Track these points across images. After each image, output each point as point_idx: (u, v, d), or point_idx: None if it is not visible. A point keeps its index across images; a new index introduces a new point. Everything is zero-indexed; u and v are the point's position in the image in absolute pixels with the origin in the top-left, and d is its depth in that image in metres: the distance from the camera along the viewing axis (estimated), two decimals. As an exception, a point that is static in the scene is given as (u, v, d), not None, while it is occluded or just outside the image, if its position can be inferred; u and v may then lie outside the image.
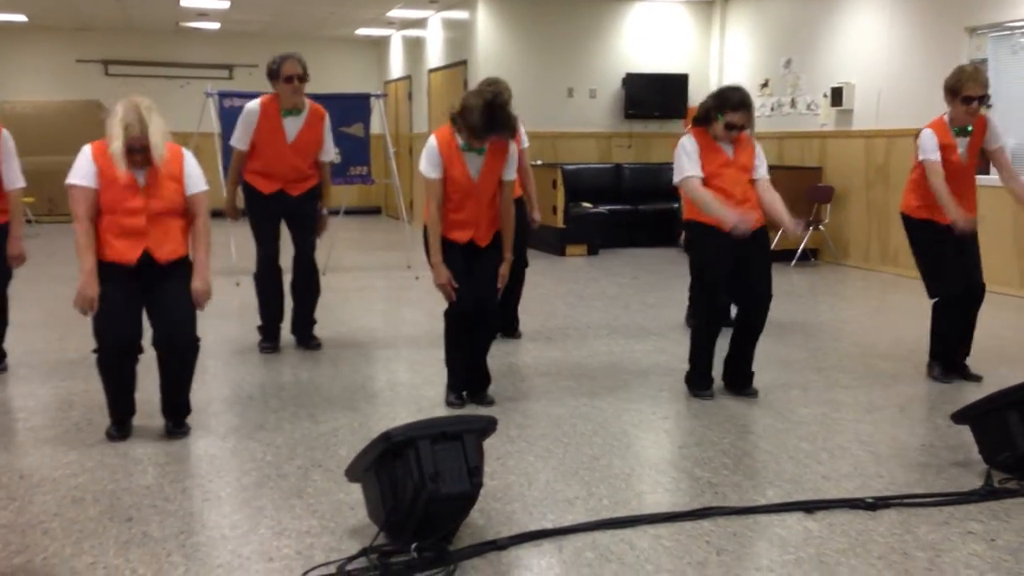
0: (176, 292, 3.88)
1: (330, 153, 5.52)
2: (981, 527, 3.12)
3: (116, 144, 3.70)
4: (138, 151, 3.72)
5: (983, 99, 4.76)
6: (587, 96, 11.66)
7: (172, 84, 14.11)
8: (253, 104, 5.33)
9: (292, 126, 5.31)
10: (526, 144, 5.93)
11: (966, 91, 4.73)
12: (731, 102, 4.36)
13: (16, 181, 4.87)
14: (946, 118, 4.87)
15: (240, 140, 5.36)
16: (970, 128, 4.83)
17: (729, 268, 4.47)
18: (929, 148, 4.78)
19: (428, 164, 4.21)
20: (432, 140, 4.23)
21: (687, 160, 4.44)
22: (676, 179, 4.48)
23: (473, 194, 4.23)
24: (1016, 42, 7.81)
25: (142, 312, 3.92)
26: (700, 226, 4.49)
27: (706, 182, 4.40)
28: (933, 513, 3.23)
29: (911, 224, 4.99)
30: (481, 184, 4.24)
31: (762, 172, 4.53)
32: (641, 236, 10.93)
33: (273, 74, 5.25)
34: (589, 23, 11.57)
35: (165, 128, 3.79)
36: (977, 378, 4.95)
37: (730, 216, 4.25)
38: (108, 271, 3.82)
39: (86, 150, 3.84)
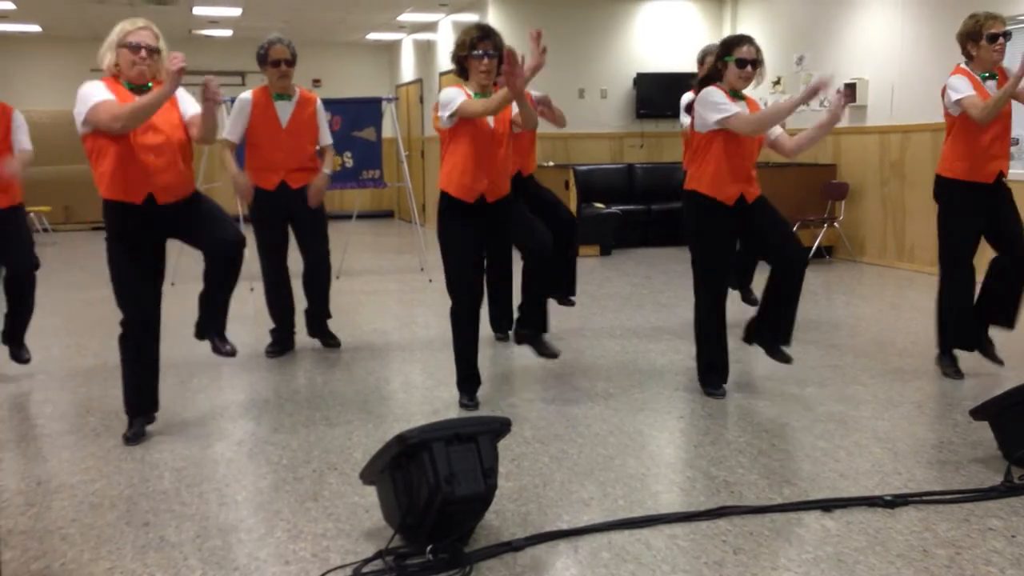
0: (207, 212, 3.94)
1: (326, 138, 5.51)
2: (1001, 523, 3.09)
3: (108, 57, 3.77)
4: (147, 48, 3.77)
5: (1007, 35, 4.62)
6: (598, 96, 11.65)
7: (185, 91, 14.20)
8: (245, 94, 5.35)
9: (284, 111, 5.33)
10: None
11: (989, 28, 4.57)
12: (735, 39, 4.33)
13: (25, 145, 4.98)
14: (965, 67, 4.70)
15: (231, 132, 5.31)
16: (996, 74, 4.68)
17: (732, 249, 4.38)
18: (963, 87, 4.57)
19: (444, 106, 4.19)
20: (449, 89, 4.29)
21: (725, 102, 4.26)
22: (718, 117, 4.21)
23: (483, 138, 4.25)
24: (1031, 35, 7.74)
25: (161, 282, 3.98)
26: (700, 199, 4.34)
27: (715, 147, 4.30)
28: (953, 510, 3.20)
29: (945, 185, 4.76)
30: (497, 127, 4.28)
31: (776, 132, 4.45)
32: (654, 236, 10.89)
33: (261, 59, 5.29)
34: (599, 23, 11.56)
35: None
36: (999, 362, 4.89)
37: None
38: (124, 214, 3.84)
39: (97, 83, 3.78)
